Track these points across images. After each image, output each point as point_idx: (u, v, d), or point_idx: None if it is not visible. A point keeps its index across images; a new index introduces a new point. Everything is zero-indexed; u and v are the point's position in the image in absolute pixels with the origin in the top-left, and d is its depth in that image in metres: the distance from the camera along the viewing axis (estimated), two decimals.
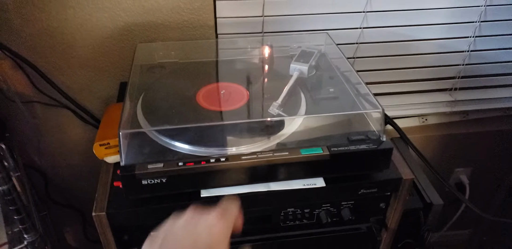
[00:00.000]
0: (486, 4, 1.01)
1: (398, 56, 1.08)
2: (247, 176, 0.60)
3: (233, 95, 0.70)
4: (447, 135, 1.25)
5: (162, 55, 0.82)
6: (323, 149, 0.59)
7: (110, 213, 0.58)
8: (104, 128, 0.69)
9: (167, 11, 0.89)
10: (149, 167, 0.56)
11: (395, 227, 0.71)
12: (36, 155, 1.05)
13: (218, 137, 0.62)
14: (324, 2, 0.95)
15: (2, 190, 0.66)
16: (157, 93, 0.71)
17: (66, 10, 0.86)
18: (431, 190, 0.97)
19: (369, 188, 0.63)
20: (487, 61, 1.13)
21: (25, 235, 0.72)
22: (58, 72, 0.95)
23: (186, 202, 0.60)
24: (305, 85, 0.73)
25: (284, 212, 0.65)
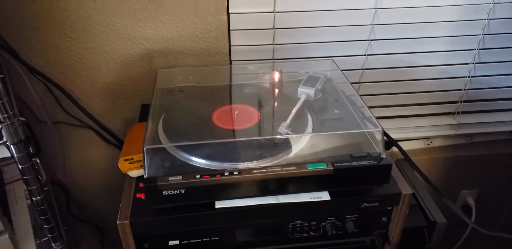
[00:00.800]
0: (484, 33, 1.08)
1: (402, 81, 1.15)
2: (257, 189, 0.65)
3: (245, 116, 0.77)
4: (453, 157, 1.29)
5: (181, 79, 0.90)
6: (328, 164, 0.65)
7: (133, 221, 0.64)
8: (128, 145, 0.75)
9: (185, 39, 0.97)
10: (170, 179, 0.62)
11: (397, 241, 0.75)
12: (60, 173, 1.11)
13: (231, 153, 0.68)
14: (331, 31, 1.02)
15: (36, 201, 0.72)
16: (176, 114, 0.78)
17: (93, 39, 0.95)
18: (435, 209, 1.00)
19: (371, 202, 0.68)
20: (488, 86, 1.18)
21: (53, 243, 0.77)
22: (84, 95, 1.03)
23: (202, 212, 0.65)
24: (312, 107, 0.80)
25: (292, 224, 0.70)
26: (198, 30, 0.97)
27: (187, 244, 0.70)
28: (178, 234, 0.69)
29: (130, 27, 0.94)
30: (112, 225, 1.24)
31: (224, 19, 0.96)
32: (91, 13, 0.91)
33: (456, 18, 1.05)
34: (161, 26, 0.95)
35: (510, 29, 1.08)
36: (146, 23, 0.94)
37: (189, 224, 0.67)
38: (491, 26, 1.07)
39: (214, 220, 0.67)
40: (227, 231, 0.70)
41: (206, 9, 0.93)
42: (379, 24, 1.03)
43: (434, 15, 1.03)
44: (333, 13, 1.00)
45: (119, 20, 0.93)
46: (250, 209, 0.66)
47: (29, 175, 0.70)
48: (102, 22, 0.93)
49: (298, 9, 0.98)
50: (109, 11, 0.91)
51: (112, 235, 1.26)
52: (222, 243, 0.71)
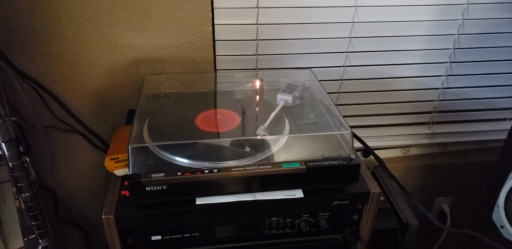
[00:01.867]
0: (455, 47, 1.15)
1: (379, 92, 1.21)
2: (235, 186, 0.70)
3: (227, 119, 0.82)
4: (428, 165, 1.34)
5: (166, 86, 0.95)
6: (301, 164, 0.69)
7: (117, 216, 0.68)
8: (114, 145, 0.79)
9: (172, 48, 1.02)
10: (153, 176, 0.66)
11: (368, 238, 0.79)
12: (48, 176, 1.14)
13: (212, 153, 0.73)
14: (311, 43, 1.08)
15: (24, 198, 0.75)
16: (161, 118, 0.83)
17: (83, 46, 0.99)
18: (408, 212, 1.05)
19: (342, 200, 0.73)
20: (460, 97, 1.25)
21: (40, 240, 0.80)
22: (73, 100, 1.06)
23: (183, 208, 0.69)
24: (289, 112, 0.85)
25: (268, 221, 0.74)
26: (184, 39, 1.02)
27: (169, 239, 0.73)
28: (160, 230, 0.72)
29: (119, 36, 0.99)
30: (99, 228, 1.27)
31: (209, 30, 1.02)
32: (81, 22, 0.96)
33: (429, 33, 1.12)
34: (148, 36, 1.00)
35: (478, 44, 1.15)
36: (134, 32, 0.99)
37: (170, 219, 0.70)
38: (461, 40, 1.14)
39: (194, 216, 0.71)
40: (207, 227, 0.74)
41: (192, 20, 0.99)
42: (356, 37, 1.10)
43: (408, 29, 1.10)
44: (312, 26, 1.06)
45: (108, 29, 0.98)
46: (228, 206, 0.71)
47: (18, 172, 0.73)
48: (92, 31, 0.97)
49: (280, 21, 1.04)
50: (98, 20, 0.96)
51: (99, 238, 1.29)
52: (202, 239, 0.75)
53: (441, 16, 1.09)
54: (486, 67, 1.19)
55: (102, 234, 1.28)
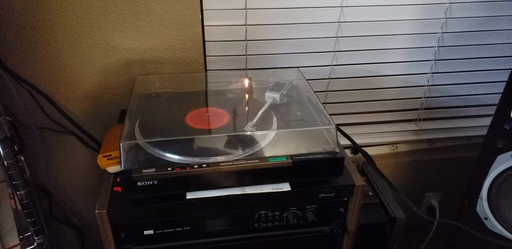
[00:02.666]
0: (439, 45, 1.18)
1: (366, 90, 1.24)
2: (225, 180, 0.72)
3: (216, 117, 0.84)
4: (416, 160, 1.37)
5: (157, 86, 0.97)
6: (287, 158, 0.72)
7: (110, 210, 0.70)
8: (107, 143, 0.82)
9: (163, 50, 1.05)
10: (144, 171, 0.69)
11: (355, 230, 0.82)
12: (43, 176, 1.16)
13: (202, 149, 0.75)
14: (299, 43, 1.11)
15: (19, 195, 0.77)
16: (152, 116, 0.85)
17: (76, 49, 1.02)
18: (396, 207, 1.08)
19: (328, 193, 0.75)
20: (445, 94, 1.28)
21: (35, 237, 0.82)
22: (67, 102, 1.09)
23: (174, 202, 0.72)
24: (277, 110, 0.88)
25: (257, 214, 0.77)
26: (175, 41, 1.04)
27: (161, 233, 0.76)
28: (152, 224, 0.74)
29: (111, 38, 1.01)
30: (93, 227, 1.29)
31: (199, 31, 1.04)
32: (73, 25, 0.98)
33: (413, 31, 1.15)
34: (140, 37, 1.02)
35: (462, 42, 1.18)
36: (126, 34, 1.01)
37: (162, 213, 0.73)
38: (445, 39, 1.17)
39: (185, 210, 0.73)
40: (198, 221, 0.76)
41: (182, 21, 1.02)
42: (343, 36, 1.12)
43: (393, 29, 1.13)
44: (300, 26, 1.09)
45: (100, 31, 1.00)
46: (218, 200, 0.73)
47: (13, 170, 0.75)
48: (85, 33, 1.00)
49: (268, 22, 1.07)
50: (91, 23, 0.98)
51: (93, 237, 1.30)
52: (193, 233, 0.77)
53: (425, 15, 1.12)
54: (470, 64, 1.23)
55: (97, 233, 1.31)
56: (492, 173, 0.92)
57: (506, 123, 0.87)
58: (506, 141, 0.88)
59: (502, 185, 0.92)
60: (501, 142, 0.89)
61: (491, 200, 0.94)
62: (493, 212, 0.95)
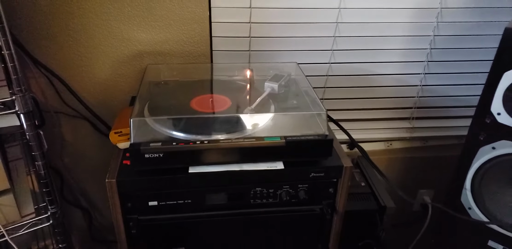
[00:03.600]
0: (431, 47, 1.26)
1: (362, 88, 1.31)
2: (224, 157, 0.80)
3: (219, 102, 0.92)
4: (410, 157, 1.44)
5: (166, 74, 1.05)
6: (281, 138, 0.79)
7: (119, 180, 0.77)
8: (119, 122, 0.90)
9: (173, 43, 1.13)
10: (151, 144, 0.76)
11: (343, 211, 0.88)
12: (56, 159, 1.24)
13: (204, 128, 0.83)
14: (299, 41, 1.19)
15: (37, 166, 0.85)
16: (160, 100, 0.93)
17: (93, 39, 1.10)
18: (386, 196, 1.14)
19: (318, 172, 0.82)
20: (437, 95, 1.35)
21: (49, 206, 0.90)
22: (82, 89, 1.17)
23: (177, 175, 0.79)
24: (275, 98, 0.95)
25: (253, 190, 0.84)
26: (184, 35, 1.13)
27: (164, 205, 0.83)
28: (156, 196, 0.82)
29: (125, 30, 1.10)
30: (101, 210, 1.36)
31: (206, 27, 1.13)
32: (92, 17, 1.07)
33: (407, 33, 1.23)
34: (152, 31, 1.11)
35: (453, 45, 1.26)
36: (139, 27, 1.10)
37: (165, 185, 0.80)
38: (436, 41, 1.25)
39: (187, 183, 0.81)
40: (198, 194, 0.83)
41: (191, 17, 1.10)
42: (340, 36, 1.20)
43: (388, 30, 1.21)
44: (300, 26, 1.17)
45: (116, 24, 1.09)
46: (218, 175, 0.80)
47: (34, 141, 0.83)
48: (101, 25, 1.08)
49: (271, 21, 1.15)
50: (107, 16, 1.07)
51: (99, 220, 1.38)
52: (194, 206, 0.84)
53: (418, 19, 1.20)
54: (460, 66, 1.30)
55: (103, 216, 1.38)
56: (475, 164, 0.98)
57: (487, 117, 0.94)
58: (487, 134, 0.95)
59: (484, 175, 0.98)
60: (482, 135, 0.96)
61: (474, 190, 1.01)
62: (476, 202, 1.01)
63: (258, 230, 0.89)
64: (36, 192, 0.94)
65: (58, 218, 0.91)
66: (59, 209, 0.91)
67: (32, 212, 0.89)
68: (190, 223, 0.85)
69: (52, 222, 0.91)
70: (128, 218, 0.82)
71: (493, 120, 0.94)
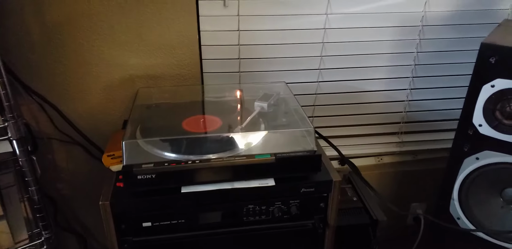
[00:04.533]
0: (415, 63, 1.30)
1: (351, 105, 1.34)
2: (216, 175, 0.81)
3: (210, 123, 0.94)
4: (400, 171, 1.46)
5: (158, 97, 1.07)
6: (271, 155, 0.81)
7: (113, 202, 0.79)
8: (111, 145, 0.91)
9: (164, 66, 1.16)
10: (143, 166, 0.78)
11: (334, 224, 0.90)
12: (49, 184, 1.24)
13: (196, 148, 0.85)
14: (287, 61, 1.23)
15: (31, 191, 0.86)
16: (152, 122, 0.95)
17: (85, 66, 1.13)
18: (378, 210, 1.16)
19: (308, 188, 0.84)
20: (424, 109, 1.38)
21: (43, 231, 0.90)
22: (74, 114, 1.18)
23: (170, 195, 0.80)
24: (265, 117, 0.98)
25: (245, 208, 0.85)
26: (175, 58, 1.16)
27: (158, 225, 0.83)
28: (150, 216, 0.83)
29: (117, 56, 1.13)
30: (96, 235, 1.35)
31: (196, 50, 1.16)
32: (83, 44, 1.10)
33: (391, 51, 1.27)
34: (143, 55, 1.14)
35: (435, 60, 1.30)
36: (130, 53, 1.13)
37: (159, 206, 0.81)
38: (420, 57, 1.29)
39: (180, 203, 0.82)
40: (191, 214, 0.84)
41: (181, 41, 1.13)
42: (327, 55, 1.24)
43: (373, 48, 1.25)
44: (288, 47, 1.21)
45: (107, 50, 1.12)
46: (210, 193, 0.82)
47: (27, 167, 0.85)
48: (93, 52, 1.11)
49: (259, 42, 1.19)
50: (99, 42, 1.10)
51: (95, 244, 1.37)
52: (188, 225, 0.85)
53: (401, 36, 1.24)
54: (443, 81, 1.34)
55: (98, 241, 1.38)
56: (461, 175, 1.01)
57: (469, 129, 0.97)
58: (471, 145, 0.98)
59: (470, 186, 1.00)
60: (466, 146, 0.98)
61: (461, 200, 1.02)
62: (464, 212, 1.02)
63: (252, 247, 0.89)
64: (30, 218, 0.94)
65: (52, 243, 0.92)
66: (53, 234, 0.91)
67: (26, 238, 0.89)
68: (184, 243, 0.86)
69: (46, 247, 0.91)
70: (123, 240, 0.83)
71: (476, 132, 0.97)
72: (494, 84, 0.91)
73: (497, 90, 0.91)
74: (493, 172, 0.97)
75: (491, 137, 0.94)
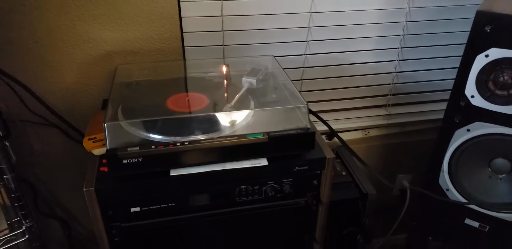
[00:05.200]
0: (404, 33, 1.26)
1: (338, 78, 1.30)
2: (206, 157, 0.77)
3: (196, 101, 0.89)
4: (388, 144, 1.45)
5: (138, 74, 1.01)
6: (264, 134, 0.78)
7: (98, 188, 0.74)
8: (92, 127, 0.86)
9: (142, 41, 1.09)
10: (129, 149, 0.73)
11: (327, 201, 0.88)
12: (26, 169, 1.18)
13: (183, 128, 0.80)
14: (273, 33, 1.17)
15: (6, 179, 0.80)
16: (134, 102, 0.89)
17: (56, 42, 1.04)
18: (368, 184, 1.15)
19: (302, 166, 0.81)
20: (412, 80, 1.36)
21: (24, 221, 0.85)
22: (48, 95, 1.11)
23: (158, 179, 0.76)
24: (254, 93, 0.93)
25: (238, 188, 0.82)
26: (154, 32, 1.08)
27: (147, 210, 0.80)
28: (138, 201, 0.79)
29: (90, 30, 1.05)
30: (79, 219, 1.31)
31: (176, 23, 1.09)
32: (53, 18, 1.01)
33: (380, 21, 1.22)
34: (119, 29, 1.06)
35: (425, 30, 1.26)
36: (105, 26, 1.05)
37: (147, 190, 0.77)
38: (409, 27, 1.25)
39: (169, 186, 0.78)
40: (182, 197, 0.81)
41: (160, 13, 1.06)
42: (315, 26, 1.19)
43: (361, 18, 1.20)
44: (274, 17, 1.14)
45: (80, 24, 1.03)
46: (200, 176, 0.78)
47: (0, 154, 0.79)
48: (64, 26, 1.03)
49: (243, 13, 1.12)
50: (70, 15, 1.01)
51: (79, 229, 1.33)
52: (178, 208, 0.82)
53: (390, 5, 1.19)
54: (433, 51, 1.31)
55: (82, 225, 1.34)
56: (451, 147, 1.00)
57: (461, 100, 0.95)
58: (462, 116, 0.96)
59: (460, 157, 1.00)
60: (457, 118, 0.97)
61: (451, 172, 1.02)
62: (454, 183, 1.02)
63: (244, 227, 0.88)
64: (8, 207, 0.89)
65: (34, 232, 0.87)
66: (34, 223, 0.87)
67: (5, 228, 0.84)
68: (175, 226, 0.83)
69: (28, 237, 0.87)
70: (110, 226, 0.79)
71: (467, 103, 0.95)
72: (489, 54, 0.88)
73: (491, 60, 0.88)
74: (484, 143, 0.96)
75: (483, 108, 0.93)
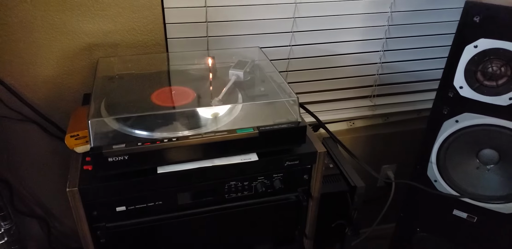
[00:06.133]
0: (389, 24, 1.25)
1: (324, 69, 1.29)
2: (194, 153, 0.75)
3: (182, 95, 0.86)
4: (372, 135, 1.45)
5: (120, 67, 0.97)
6: (254, 129, 0.76)
7: (82, 188, 0.71)
8: (73, 124, 0.82)
9: (123, 32, 1.05)
10: (114, 147, 0.70)
11: (318, 196, 0.87)
12: (4, 168, 1.13)
13: (170, 124, 0.77)
14: (258, 24, 1.14)
15: None
16: (117, 96, 0.86)
17: (32, 34, 1.00)
18: (356, 176, 1.14)
19: (293, 160, 0.80)
20: (396, 71, 1.36)
21: (2, 223, 0.82)
22: (25, 89, 1.06)
23: (145, 177, 0.74)
24: (242, 86, 0.91)
25: (227, 185, 0.80)
26: (135, 23, 1.05)
27: (133, 209, 0.77)
28: (124, 200, 0.76)
29: (69, 21, 1.00)
30: (59, 218, 1.27)
31: (159, 13, 1.05)
32: (28, 8, 0.96)
33: (365, 11, 1.21)
34: (99, 20, 1.02)
35: (410, 20, 1.26)
36: (84, 18, 1.00)
37: (133, 189, 0.75)
38: (394, 18, 1.24)
39: (156, 184, 0.76)
40: (169, 194, 0.78)
41: (141, 4, 1.02)
42: (300, 17, 1.16)
43: (346, 9, 1.19)
44: (258, 8, 1.12)
45: (57, 14, 0.99)
46: (189, 173, 0.76)
47: None
48: (41, 17, 0.98)
49: (227, 3, 1.09)
50: (46, 6, 0.97)
51: (59, 228, 1.29)
52: (166, 207, 0.79)
53: None
54: (418, 42, 1.30)
55: (62, 223, 1.30)
56: (440, 138, 1.00)
57: (449, 91, 0.95)
58: (451, 108, 0.96)
59: (449, 148, 1.00)
60: (446, 109, 0.97)
61: (439, 163, 1.02)
62: (442, 174, 1.03)
63: (234, 224, 0.86)
64: None
65: (13, 234, 0.84)
66: (13, 225, 0.83)
67: None
68: (163, 225, 0.81)
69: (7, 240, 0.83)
70: (95, 227, 0.76)
71: (456, 94, 0.95)
72: (477, 44, 0.88)
73: (480, 51, 0.88)
74: (472, 134, 0.96)
75: (471, 99, 0.93)
